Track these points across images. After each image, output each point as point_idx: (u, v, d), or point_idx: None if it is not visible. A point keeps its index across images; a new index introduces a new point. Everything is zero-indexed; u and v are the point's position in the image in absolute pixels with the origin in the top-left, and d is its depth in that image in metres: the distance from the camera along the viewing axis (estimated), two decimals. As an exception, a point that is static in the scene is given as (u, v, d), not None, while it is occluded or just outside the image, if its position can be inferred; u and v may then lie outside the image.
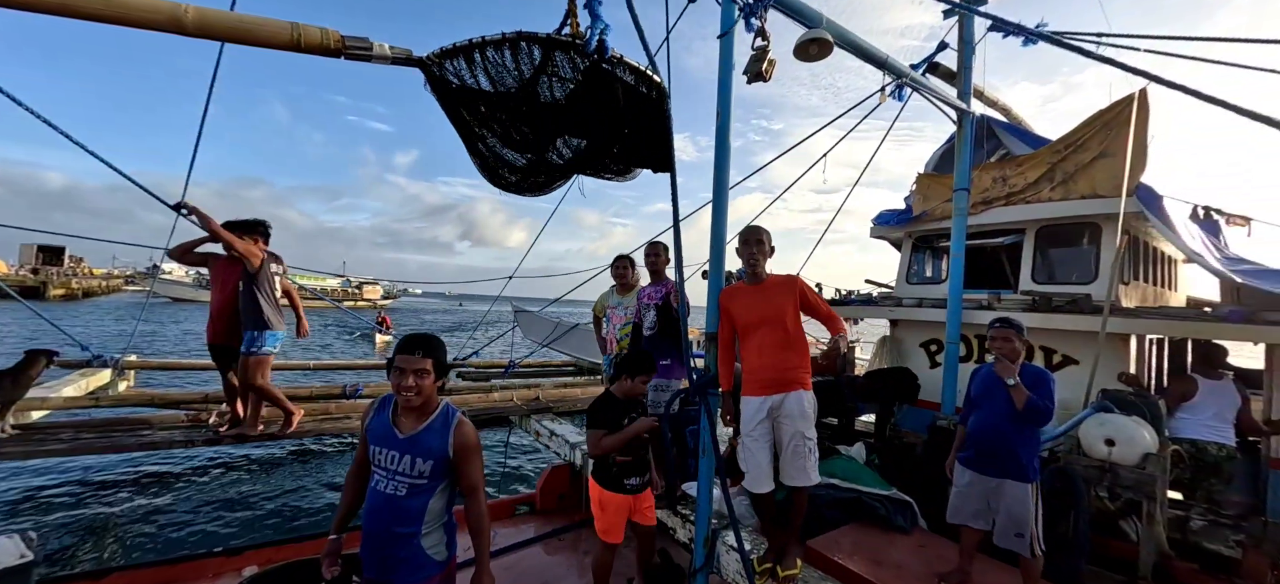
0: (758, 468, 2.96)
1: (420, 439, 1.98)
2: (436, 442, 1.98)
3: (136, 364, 7.31)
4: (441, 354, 2.00)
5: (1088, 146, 4.78)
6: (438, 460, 1.98)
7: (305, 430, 5.14)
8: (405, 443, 1.97)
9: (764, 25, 2.90)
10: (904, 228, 6.37)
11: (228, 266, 4.36)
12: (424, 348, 1.95)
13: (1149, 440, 3.35)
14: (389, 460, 1.99)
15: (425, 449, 1.97)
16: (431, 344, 1.98)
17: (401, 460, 1.97)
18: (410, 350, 1.93)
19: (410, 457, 1.97)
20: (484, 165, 2.85)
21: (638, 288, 4.38)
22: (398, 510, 1.97)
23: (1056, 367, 4.85)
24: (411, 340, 1.96)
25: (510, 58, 2.08)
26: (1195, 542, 3.53)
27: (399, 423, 2.01)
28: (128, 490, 6.53)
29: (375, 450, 2.01)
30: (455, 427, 2.02)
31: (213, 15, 1.71)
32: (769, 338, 2.92)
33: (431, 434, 1.99)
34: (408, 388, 1.92)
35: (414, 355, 1.92)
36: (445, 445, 1.99)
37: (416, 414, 2.01)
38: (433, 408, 2.03)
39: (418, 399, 1.94)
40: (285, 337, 4.46)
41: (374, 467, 2.03)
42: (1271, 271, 4.59)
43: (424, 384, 1.93)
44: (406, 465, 1.97)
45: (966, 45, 4.84)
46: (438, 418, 2.02)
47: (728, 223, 2.88)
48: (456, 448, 2.00)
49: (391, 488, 1.98)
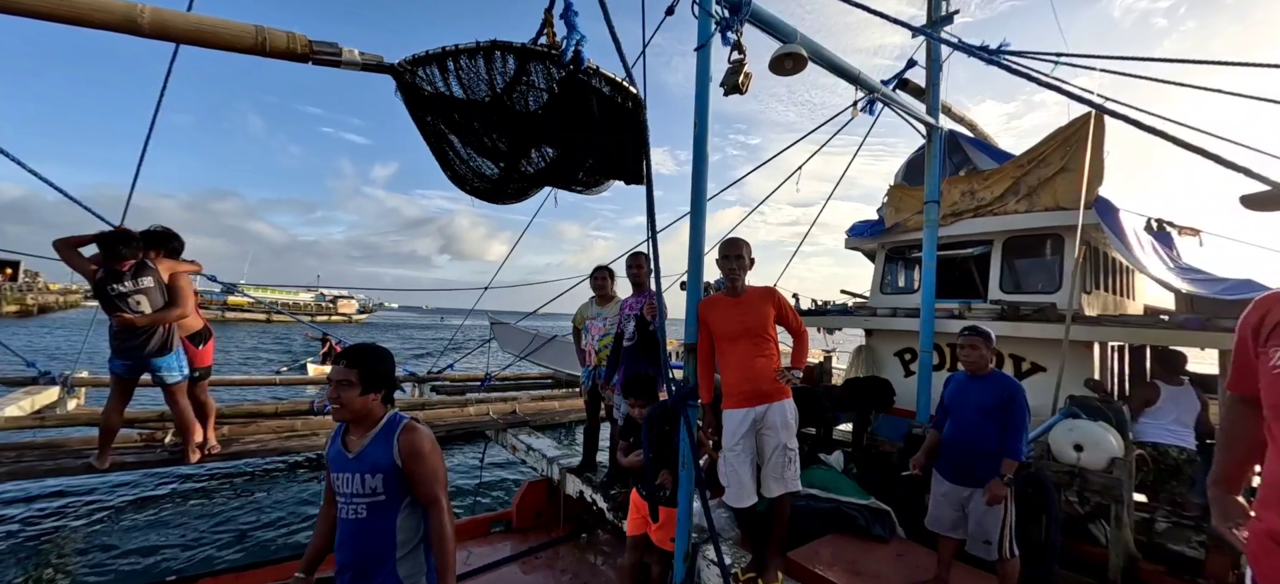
0: (740, 483, 2.94)
1: (367, 453, 1.87)
2: (381, 452, 1.86)
3: (88, 381, 6.97)
4: (374, 365, 1.88)
5: (1049, 161, 4.96)
6: (387, 472, 1.85)
7: (269, 448, 4.94)
8: (355, 460, 1.86)
9: (740, 39, 2.93)
10: (877, 239, 6.49)
11: None
12: (349, 358, 1.86)
13: (1115, 445, 3.44)
14: (345, 484, 1.87)
15: (371, 463, 1.85)
16: (360, 355, 1.88)
17: (354, 481, 1.85)
18: (337, 359, 1.88)
19: (361, 475, 1.85)
20: (453, 173, 2.80)
21: (617, 299, 4.35)
22: (365, 536, 1.85)
23: (1025, 374, 4.97)
24: (343, 350, 1.90)
25: (484, 66, 2.05)
26: (1160, 543, 3.63)
27: (347, 442, 1.91)
28: (74, 517, 6.15)
29: (334, 477, 1.91)
30: (402, 431, 1.88)
31: (171, 16, 1.64)
32: (749, 350, 2.92)
33: (376, 445, 1.87)
34: (330, 399, 1.84)
35: (339, 365, 1.85)
36: (390, 454, 1.85)
37: (360, 429, 1.89)
38: (375, 419, 1.91)
39: (343, 413, 1.84)
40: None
41: (337, 495, 1.91)
42: (1215, 279, 4.82)
43: (346, 397, 1.82)
44: (359, 484, 1.84)
45: (934, 63, 4.98)
46: (382, 427, 1.90)
47: (706, 235, 2.88)
48: (404, 454, 1.86)
49: (352, 512, 1.86)
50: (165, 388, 3.99)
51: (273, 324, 42.61)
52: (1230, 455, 1.54)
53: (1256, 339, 1.37)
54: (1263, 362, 1.33)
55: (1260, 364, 1.34)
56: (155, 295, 3.84)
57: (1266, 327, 1.34)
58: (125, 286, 3.72)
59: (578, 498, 4.49)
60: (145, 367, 3.88)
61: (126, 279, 3.72)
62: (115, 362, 3.85)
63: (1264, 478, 1.33)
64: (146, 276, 3.81)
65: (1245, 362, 1.42)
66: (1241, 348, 1.43)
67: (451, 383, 8.77)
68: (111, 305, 3.71)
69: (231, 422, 5.25)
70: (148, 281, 3.81)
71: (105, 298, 3.70)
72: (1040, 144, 5.08)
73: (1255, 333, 1.37)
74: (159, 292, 3.86)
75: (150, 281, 3.82)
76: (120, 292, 3.71)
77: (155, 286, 3.84)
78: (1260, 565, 1.32)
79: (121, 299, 3.71)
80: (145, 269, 3.82)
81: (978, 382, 2.99)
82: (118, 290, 3.70)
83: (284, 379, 9.58)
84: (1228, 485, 1.51)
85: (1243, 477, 1.53)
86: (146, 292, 3.80)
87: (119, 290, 3.70)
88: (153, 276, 3.84)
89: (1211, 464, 1.59)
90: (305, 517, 6.56)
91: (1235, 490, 1.51)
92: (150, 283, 3.82)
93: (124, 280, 3.72)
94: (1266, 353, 1.31)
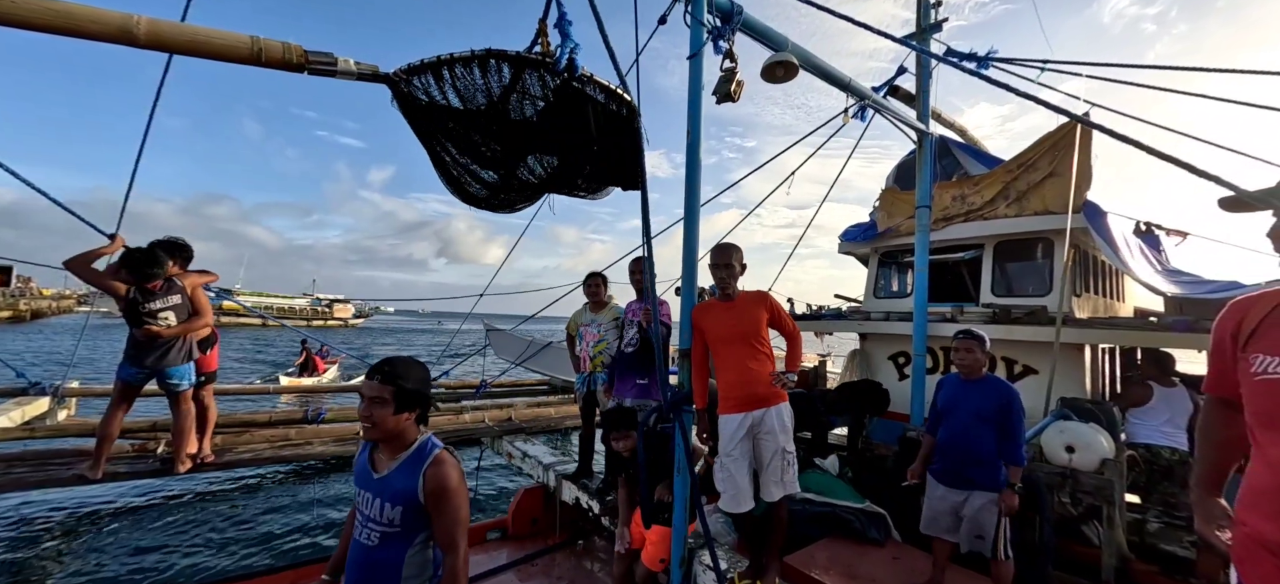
0: (737, 489, 2.94)
1: (392, 479, 1.73)
2: (406, 482, 1.71)
3: (79, 391, 6.89)
4: (407, 382, 1.72)
5: (1038, 166, 5.02)
6: (408, 505, 1.70)
7: (264, 457, 4.91)
8: (379, 483, 1.74)
9: (732, 48, 2.96)
10: (870, 243, 6.54)
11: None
12: (382, 374, 1.71)
13: (1106, 446, 3.47)
14: (366, 504, 1.76)
15: (394, 491, 1.71)
16: (395, 371, 1.72)
17: (373, 503, 1.73)
18: (371, 375, 1.73)
19: (381, 500, 1.72)
20: (451, 181, 2.81)
21: (612, 305, 4.37)
22: (371, 564, 1.73)
23: (1017, 376, 5.01)
24: (376, 364, 1.75)
25: (479, 75, 2.06)
26: (1153, 543, 3.66)
27: (376, 460, 1.78)
28: (64, 529, 6.08)
29: (358, 494, 1.80)
30: (430, 464, 1.73)
31: (166, 28, 1.65)
32: (743, 354, 2.94)
33: (402, 473, 1.73)
34: (362, 416, 1.71)
35: (372, 381, 1.71)
36: (415, 487, 1.70)
37: (390, 449, 1.76)
38: (408, 442, 1.77)
39: (374, 432, 1.72)
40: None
41: (357, 511, 1.81)
42: (1202, 281, 4.88)
43: (378, 415, 1.68)
44: (377, 509, 1.72)
45: (924, 70, 5.05)
46: (412, 453, 1.76)
47: (700, 239, 2.91)
48: (429, 490, 1.70)
49: (364, 536, 1.75)
50: (173, 395, 4.03)
51: (268, 329, 42.37)
52: (1210, 457, 1.55)
53: (1235, 343, 1.37)
54: (1244, 366, 1.33)
55: (1241, 369, 1.34)
56: (182, 310, 3.94)
57: (1245, 330, 1.34)
58: (156, 305, 3.81)
59: (574, 505, 4.48)
60: (158, 374, 3.93)
61: (157, 298, 3.81)
62: (127, 368, 3.88)
63: (1247, 482, 1.34)
64: (175, 293, 3.91)
65: (1223, 364, 1.43)
66: (1219, 351, 1.44)
67: (447, 390, 8.74)
68: (139, 321, 3.78)
69: (224, 431, 5.22)
70: (176, 298, 3.91)
71: (135, 316, 3.77)
72: (1029, 149, 5.15)
73: (1234, 337, 1.37)
74: (185, 306, 3.97)
75: (179, 298, 3.92)
76: (151, 309, 3.79)
77: (183, 302, 3.95)
78: (1246, 570, 1.32)
79: (151, 316, 3.80)
80: (174, 286, 3.93)
81: (972, 386, 3.01)
82: (150, 308, 3.78)
83: (260, 387, 9.48)
84: (1208, 487, 1.52)
85: (1223, 478, 1.53)
86: (175, 308, 3.90)
87: (151, 308, 3.78)
88: (181, 293, 3.95)
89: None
90: (299, 526, 6.51)
91: (1216, 492, 1.51)
92: (179, 300, 3.92)
93: (155, 299, 3.80)
94: (1247, 358, 1.32)
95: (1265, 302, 1.34)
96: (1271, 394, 1.25)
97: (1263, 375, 1.27)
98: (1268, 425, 1.27)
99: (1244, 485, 1.35)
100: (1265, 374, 1.26)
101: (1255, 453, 1.31)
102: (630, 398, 3.83)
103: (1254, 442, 1.32)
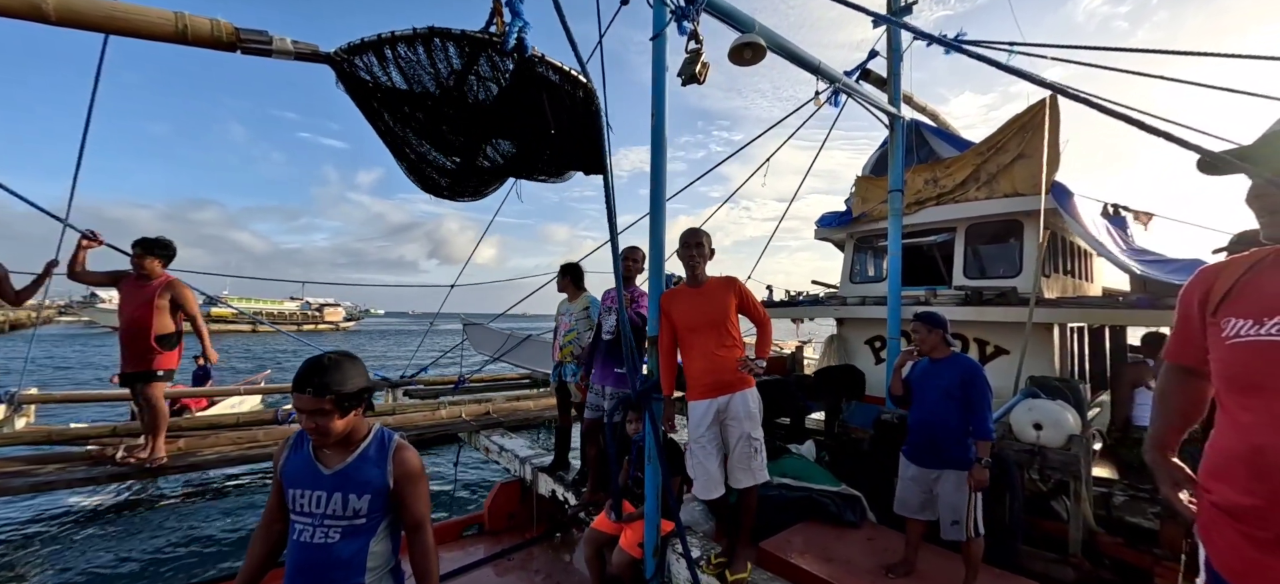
0: (707, 475, 2.92)
1: (352, 473, 1.69)
2: (373, 472, 1.71)
3: (37, 398, 6.65)
4: (342, 383, 1.62)
5: (1007, 149, 5.07)
6: (376, 493, 1.70)
7: (230, 458, 4.78)
8: (335, 479, 1.69)
9: (697, 28, 2.90)
10: (845, 229, 6.57)
11: (136, 286, 4.02)
12: (315, 386, 1.58)
13: (1073, 423, 3.53)
14: (314, 503, 1.68)
15: (361, 483, 1.69)
16: (325, 381, 1.59)
17: (331, 500, 1.68)
18: (299, 387, 1.59)
19: (341, 494, 1.68)
20: (411, 168, 2.72)
21: (585, 295, 4.32)
22: (332, 561, 1.67)
23: (989, 357, 5.07)
24: (304, 374, 1.60)
25: (424, 55, 1.98)
26: (1119, 516, 3.73)
27: (323, 457, 1.71)
28: (18, 540, 5.85)
29: (295, 495, 1.70)
30: (394, 452, 1.75)
31: (79, 2, 1.53)
32: (712, 340, 2.90)
33: (366, 464, 1.72)
34: (308, 429, 1.64)
35: (304, 394, 1.58)
36: (384, 475, 1.71)
37: (342, 446, 1.72)
38: (361, 435, 1.75)
39: (327, 440, 1.65)
40: None
41: (295, 515, 1.71)
42: (1166, 261, 4.99)
43: (325, 426, 1.61)
44: (338, 505, 1.68)
45: (895, 54, 5.04)
46: (371, 444, 1.74)
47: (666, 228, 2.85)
48: (398, 477, 1.72)
49: (320, 536, 1.67)
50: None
51: (258, 334, 41.60)
52: (1166, 420, 1.53)
53: (1204, 310, 1.35)
54: (1213, 332, 1.30)
55: (1211, 335, 1.31)
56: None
57: (1215, 296, 1.31)
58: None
59: (550, 498, 4.43)
60: None
61: None
62: None
63: (1213, 448, 1.31)
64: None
65: (1189, 333, 1.41)
66: (1185, 319, 1.42)
67: (426, 386, 8.61)
68: None
69: (190, 434, 5.06)
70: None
71: None
72: (998, 131, 5.19)
73: (1202, 303, 1.35)
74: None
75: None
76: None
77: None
78: (1212, 538, 1.29)
79: None
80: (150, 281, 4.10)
81: (938, 365, 3.03)
82: None
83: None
84: (1166, 451, 1.51)
85: (1177, 441, 1.53)
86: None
87: None
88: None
89: (1149, 431, 1.59)
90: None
91: (1171, 454, 1.51)
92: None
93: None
94: (1218, 323, 1.29)
95: (1234, 267, 1.31)
96: (1242, 357, 1.23)
97: (1235, 339, 1.24)
98: (1238, 389, 1.24)
99: (1210, 452, 1.32)
100: (1238, 337, 1.24)
101: (1223, 418, 1.29)
102: (610, 386, 3.78)
103: (1222, 407, 1.30)
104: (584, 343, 4.08)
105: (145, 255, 4.01)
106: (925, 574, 3.01)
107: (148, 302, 3.97)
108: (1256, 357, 1.20)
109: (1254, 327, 1.22)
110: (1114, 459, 4.37)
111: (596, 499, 3.87)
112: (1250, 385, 1.22)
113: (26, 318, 42.49)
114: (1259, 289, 1.25)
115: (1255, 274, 1.27)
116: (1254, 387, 1.21)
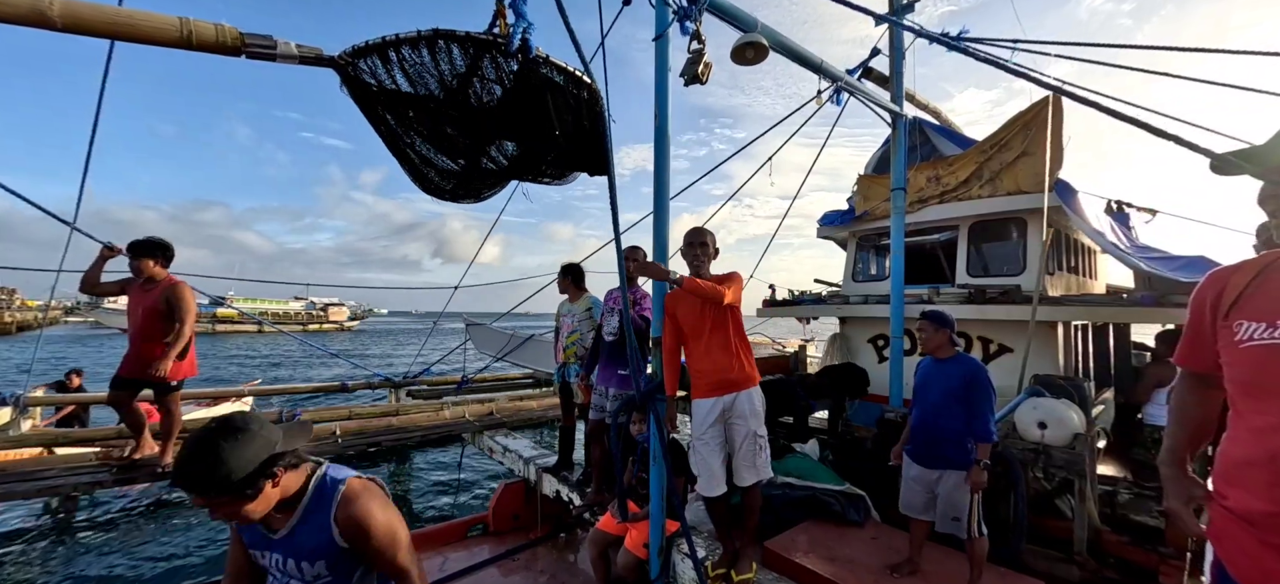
0: (710, 472, 2.93)
1: (297, 539, 1.47)
2: (317, 536, 1.47)
3: (43, 400, 6.68)
4: (229, 471, 1.29)
5: (1011, 146, 5.05)
6: (330, 556, 1.48)
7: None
8: (284, 544, 1.49)
9: (699, 28, 2.90)
10: (848, 228, 6.56)
11: (141, 293, 4.02)
12: (197, 486, 1.29)
13: (1077, 421, 3.52)
14: (275, 564, 1.52)
15: (309, 550, 1.47)
16: (208, 477, 1.28)
17: (287, 564, 1.50)
18: (182, 485, 1.31)
19: (296, 561, 1.48)
20: (413, 171, 2.72)
21: (587, 295, 4.32)
22: None
23: (993, 355, 5.06)
24: (178, 472, 1.31)
25: (428, 57, 1.98)
26: (1124, 514, 3.72)
27: (267, 521, 1.47)
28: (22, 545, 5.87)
29: (257, 554, 1.55)
30: (339, 507, 1.46)
31: (84, 9, 1.53)
32: (716, 339, 2.91)
33: (307, 530, 1.46)
34: (223, 520, 1.39)
35: (192, 494, 1.32)
36: (330, 538, 1.46)
37: (283, 509, 1.47)
38: (297, 488, 1.47)
39: (252, 521, 1.40)
40: None
41: (268, 569, 1.56)
42: (1170, 257, 4.97)
43: (239, 512, 1.34)
44: (294, 569, 1.49)
45: (897, 52, 5.03)
46: (310, 502, 1.47)
47: (670, 228, 2.86)
48: (350, 536, 1.45)
49: None
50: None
51: (264, 335, 41.78)
52: (1184, 432, 1.49)
53: (1215, 314, 1.33)
54: (1225, 335, 1.29)
55: (1222, 338, 1.30)
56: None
57: (1226, 300, 1.29)
58: None
59: (555, 498, 4.44)
60: None
61: None
62: None
63: (1225, 453, 1.28)
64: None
65: (1200, 337, 1.38)
66: (1197, 323, 1.39)
67: (429, 387, 8.62)
68: None
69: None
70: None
71: None
72: (1001, 129, 5.18)
73: (1214, 308, 1.33)
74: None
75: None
76: None
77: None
78: (1225, 545, 1.26)
79: None
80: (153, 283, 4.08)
81: (942, 365, 3.02)
82: None
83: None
84: (1181, 465, 1.47)
85: (1194, 454, 1.48)
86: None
87: None
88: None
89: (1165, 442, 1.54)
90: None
91: (1186, 470, 1.46)
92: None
93: None
94: (1230, 326, 1.27)
95: (1246, 270, 1.29)
96: (1256, 360, 1.21)
97: (1248, 342, 1.23)
98: (1252, 393, 1.23)
99: (1223, 457, 1.29)
100: (1250, 341, 1.22)
101: (1236, 422, 1.27)
102: (613, 387, 3.79)
103: (1235, 411, 1.27)
104: (588, 344, 4.08)
105: (142, 257, 3.94)
106: (930, 574, 3.01)
107: (152, 308, 3.94)
108: (1270, 359, 1.19)
109: (1267, 330, 1.20)
110: (1126, 458, 4.35)
111: (601, 500, 3.88)
112: (1264, 389, 1.20)
113: (33, 319, 42.79)
114: (1271, 291, 1.23)
115: (1266, 276, 1.26)
116: (1268, 390, 1.19)
